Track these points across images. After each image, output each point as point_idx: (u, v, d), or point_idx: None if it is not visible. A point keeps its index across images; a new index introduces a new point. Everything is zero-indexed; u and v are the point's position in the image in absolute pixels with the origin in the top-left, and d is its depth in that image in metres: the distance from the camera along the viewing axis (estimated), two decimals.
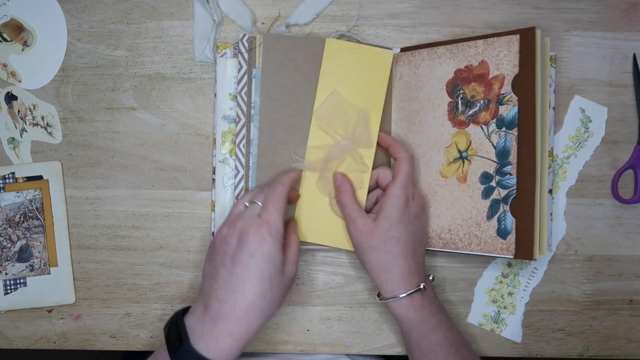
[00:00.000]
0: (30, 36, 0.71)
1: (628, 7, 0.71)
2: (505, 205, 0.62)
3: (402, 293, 0.61)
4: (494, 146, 0.63)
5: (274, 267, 0.56)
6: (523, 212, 0.61)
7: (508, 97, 0.62)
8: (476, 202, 0.64)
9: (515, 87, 0.62)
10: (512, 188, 0.62)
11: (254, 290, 0.54)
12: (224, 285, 0.55)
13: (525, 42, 0.61)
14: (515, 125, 0.62)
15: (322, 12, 0.71)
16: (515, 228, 0.62)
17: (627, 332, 0.72)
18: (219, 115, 0.70)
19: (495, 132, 0.63)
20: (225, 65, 0.69)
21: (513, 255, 0.62)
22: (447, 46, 0.66)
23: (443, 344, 0.61)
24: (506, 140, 0.63)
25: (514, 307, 0.72)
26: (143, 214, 0.71)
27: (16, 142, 0.71)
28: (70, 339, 0.72)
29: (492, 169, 0.63)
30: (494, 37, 0.63)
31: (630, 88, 0.71)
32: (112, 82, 0.71)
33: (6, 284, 0.71)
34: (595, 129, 0.71)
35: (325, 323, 0.72)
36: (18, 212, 0.71)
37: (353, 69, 0.67)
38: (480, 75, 0.64)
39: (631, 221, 0.71)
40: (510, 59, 0.62)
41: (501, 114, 0.63)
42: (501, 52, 0.63)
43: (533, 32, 0.61)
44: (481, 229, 0.64)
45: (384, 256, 0.61)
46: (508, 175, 0.62)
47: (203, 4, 0.70)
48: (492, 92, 0.63)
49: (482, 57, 0.64)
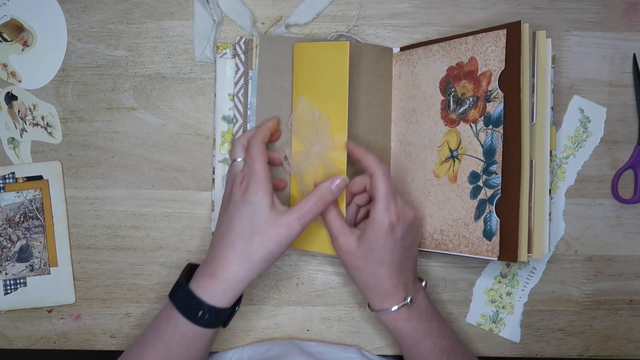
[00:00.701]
0: (30, 36, 0.71)
1: (628, 7, 0.71)
2: (491, 205, 0.60)
3: (388, 308, 0.61)
4: (482, 144, 0.61)
5: (254, 210, 0.57)
6: (508, 212, 0.59)
7: (495, 94, 0.60)
8: (465, 202, 0.63)
9: (502, 83, 0.60)
10: (497, 188, 0.60)
11: (234, 232, 0.57)
12: (216, 235, 0.60)
13: (512, 37, 0.59)
14: (501, 122, 0.60)
15: (322, 12, 0.71)
16: (499, 229, 0.60)
17: (627, 332, 0.72)
18: (219, 115, 0.70)
19: (483, 130, 0.61)
20: (225, 65, 0.69)
21: (497, 257, 0.60)
22: (440, 44, 0.65)
23: (433, 351, 0.62)
24: (492, 138, 0.61)
25: (512, 307, 0.71)
26: (143, 214, 0.71)
27: (16, 142, 0.71)
28: (70, 339, 0.72)
29: (480, 168, 0.61)
30: (483, 32, 0.62)
31: (630, 88, 0.71)
32: (112, 82, 0.71)
33: (6, 284, 0.71)
34: (594, 129, 0.71)
35: (325, 323, 0.72)
36: (18, 212, 0.71)
37: (317, 69, 0.65)
38: (470, 72, 0.63)
39: (631, 221, 0.71)
40: (497, 55, 0.60)
41: (488, 111, 0.61)
42: (489, 47, 0.61)
43: (519, 26, 0.59)
44: (469, 229, 0.62)
45: (367, 277, 0.61)
46: (494, 174, 0.60)
47: (203, 4, 0.70)
48: (481, 89, 0.62)
49: (472, 53, 0.62)
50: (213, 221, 0.70)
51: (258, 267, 0.57)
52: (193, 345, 0.58)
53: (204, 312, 0.56)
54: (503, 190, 0.60)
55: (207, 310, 0.56)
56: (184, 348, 0.57)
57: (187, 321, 0.57)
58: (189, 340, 0.57)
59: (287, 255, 0.72)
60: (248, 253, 0.56)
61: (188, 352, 0.58)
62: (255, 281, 0.62)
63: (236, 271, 0.56)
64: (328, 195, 0.59)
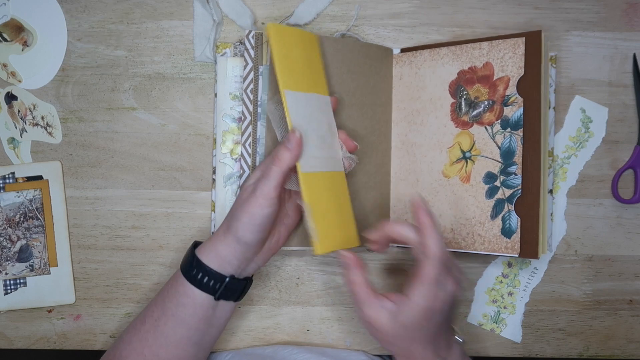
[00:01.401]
0: (30, 36, 0.71)
1: (628, 7, 0.71)
2: (510, 204, 0.63)
3: None
4: (499, 147, 0.64)
5: (243, 193, 0.59)
6: (528, 211, 0.62)
7: (513, 99, 0.63)
8: (480, 202, 0.65)
9: (521, 89, 0.63)
10: (517, 188, 0.63)
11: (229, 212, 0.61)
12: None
13: (531, 45, 0.62)
14: (520, 126, 0.63)
15: (322, 12, 0.71)
16: (520, 227, 0.62)
17: (627, 332, 0.72)
18: (220, 115, 0.70)
19: (500, 132, 0.64)
20: (226, 64, 0.69)
21: (518, 254, 0.62)
22: (449, 47, 0.67)
23: None
24: (511, 140, 0.63)
25: (513, 307, 0.72)
26: (143, 214, 0.71)
27: (16, 142, 0.71)
28: (70, 339, 0.72)
29: (497, 169, 0.64)
30: (499, 39, 0.64)
31: (630, 88, 0.71)
32: (112, 82, 0.71)
33: (6, 284, 0.71)
34: (595, 129, 0.71)
35: (325, 323, 0.72)
36: (18, 212, 0.71)
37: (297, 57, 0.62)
38: (485, 77, 0.65)
39: (631, 221, 0.71)
40: (516, 61, 0.63)
41: (506, 115, 0.64)
42: (506, 54, 0.63)
43: (539, 36, 0.62)
44: (485, 228, 0.64)
45: (399, 352, 0.57)
46: (513, 175, 0.63)
47: (203, 4, 0.70)
48: (497, 93, 0.64)
49: (487, 58, 0.65)
50: (213, 221, 0.70)
51: (242, 238, 0.58)
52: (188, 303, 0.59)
53: (198, 271, 0.59)
54: (523, 190, 0.62)
55: (196, 264, 0.59)
56: (175, 304, 0.60)
57: (183, 278, 0.60)
58: (181, 296, 0.59)
59: (287, 255, 0.72)
60: (231, 225, 0.58)
61: (186, 310, 0.59)
62: (247, 257, 0.60)
63: (221, 236, 0.59)
64: (283, 151, 0.56)
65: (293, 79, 0.59)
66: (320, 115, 0.61)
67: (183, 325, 0.59)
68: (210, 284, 0.58)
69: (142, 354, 0.59)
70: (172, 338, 0.59)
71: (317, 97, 0.62)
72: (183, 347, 0.60)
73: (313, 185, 0.58)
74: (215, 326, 0.61)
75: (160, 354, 0.59)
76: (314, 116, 0.61)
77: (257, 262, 0.61)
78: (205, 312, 0.59)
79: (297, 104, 0.59)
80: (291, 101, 0.58)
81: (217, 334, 0.62)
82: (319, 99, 0.62)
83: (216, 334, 0.62)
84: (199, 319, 0.59)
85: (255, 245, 0.58)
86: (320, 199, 0.59)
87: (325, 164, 0.61)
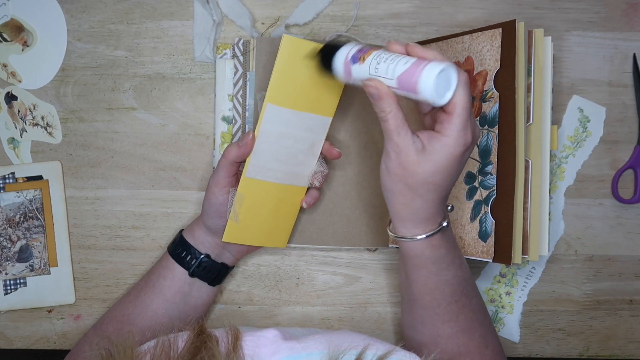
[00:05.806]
0: (30, 36, 0.71)
1: (628, 7, 0.71)
2: (486, 206, 0.60)
3: (421, 234, 0.55)
4: (477, 145, 0.61)
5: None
6: (502, 214, 0.58)
7: (490, 94, 0.60)
8: (461, 203, 0.62)
9: (497, 83, 0.59)
10: (492, 189, 0.59)
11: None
12: None
13: (507, 36, 0.58)
14: (496, 123, 0.59)
15: (321, 12, 0.71)
16: (494, 230, 0.59)
17: (627, 332, 0.72)
18: (219, 115, 0.70)
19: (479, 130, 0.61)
20: (225, 66, 0.69)
21: (492, 258, 0.59)
22: (437, 43, 0.65)
23: (453, 282, 0.57)
24: (488, 138, 0.60)
25: (511, 306, 0.71)
26: (143, 214, 0.71)
27: (16, 142, 0.71)
28: (70, 339, 0.72)
29: (476, 169, 0.61)
30: (479, 31, 0.61)
31: (630, 88, 0.71)
32: (112, 82, 0.71)
33: (6, 284, 0.71)
34: (593, 129, 0.71)
35: (325, 323, 0.72)
36: (18, 212, 0.71)
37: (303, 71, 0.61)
38: (466, 72, 0.62)
39: (631, 221, 0.71)
40: (493, 54, 0.59)
41: (484, 111, 0.60)
42: (484, 47, 0.60)
43: (514, 25, 0.58)
44: (465, 230, 0.61)
45: (416, 199, 0.53)
46: (489, 175, 0.60)
47: (203, 4, 0.70)
48: (476, 88, 0.61)
49: (468, 52, 0.62)
50: None
51: (206, 223, 0.64)
52: (167, 275, 0.65)
53: (178, 246, 0.65)
54: (498, 191, 0.59)
55: (179, 241, 0.65)
56: (157, 276, 0.65)
57: (167, 253, 0.66)
58: (163, 269, 0.65)
59: (287, 255, 0.72)
60: (202, 213, 0.64)
61: (164, 282, 0.65)
62: (217, 242, 0.64)
63: (198, 221, 0.66)
64: (232, 146, 0.61)
65: (284, 95, 0.60)
66: (303, 134, 0.62)
67: (160, 296, 0.64)
68: (187, 259, 0.64)
69: (121, 321, 0.64)
70: (149, 307, 0.64)
71: (310, 117, 0.61)
72: (159, 318, 0.64)
73: (252, 188, 0.62)
74: (190, 305, 0.65)
75: (137, 322, 0.64)
76: (292, 134, 0.61)
77: (231, 251, 0.66)
78: (182, 286, 0.64)
79: (276, 118, 0.60)
80: (270, 114, 0.60)
81: (193, 314, 0.65)
82: (314, 119, 0.62)
83: (192, 315, 0.65)
84: (175, 291, 0.64)
85: (220, 230, 0.63)
86: (257, 200, 0.63)
87: (282, 178, 0.63)
